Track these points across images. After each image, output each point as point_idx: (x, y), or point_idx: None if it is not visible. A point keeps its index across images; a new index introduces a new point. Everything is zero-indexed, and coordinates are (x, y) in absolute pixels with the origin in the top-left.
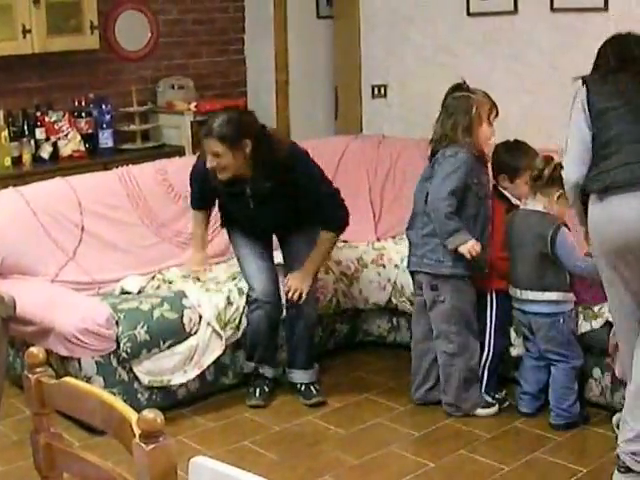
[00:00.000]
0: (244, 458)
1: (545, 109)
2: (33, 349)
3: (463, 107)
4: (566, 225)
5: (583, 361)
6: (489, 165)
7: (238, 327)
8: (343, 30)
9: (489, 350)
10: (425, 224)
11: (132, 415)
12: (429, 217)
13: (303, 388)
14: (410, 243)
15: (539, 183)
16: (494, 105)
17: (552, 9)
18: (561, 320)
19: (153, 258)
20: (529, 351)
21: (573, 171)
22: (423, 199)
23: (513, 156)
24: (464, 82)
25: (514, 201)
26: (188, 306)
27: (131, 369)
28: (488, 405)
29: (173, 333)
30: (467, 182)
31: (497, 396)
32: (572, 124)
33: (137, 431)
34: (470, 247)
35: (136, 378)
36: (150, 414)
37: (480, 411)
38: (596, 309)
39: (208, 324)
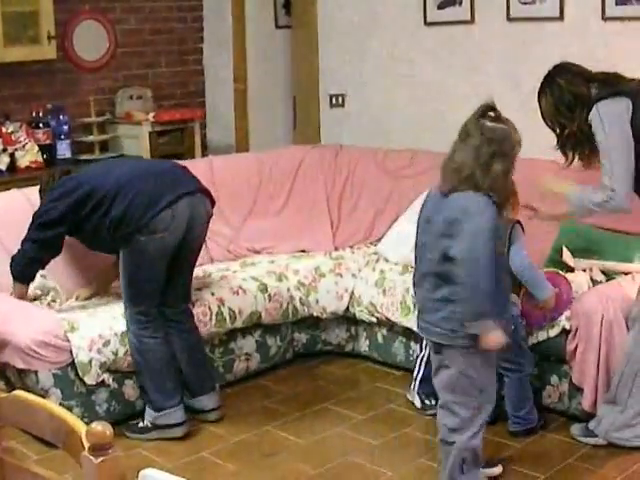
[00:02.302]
0: (203, 469)
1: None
2: None
3: (506, 144)
4: (520, 224)
5: (535, 368)
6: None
7: None
8: (301, 40)
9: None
10: (437, 286)
11: (81, 427)
12: (444, 279)
13: None
14: (417, 302)
15: None
16: None
17: (508, 19)
18: (512, 326)
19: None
20: None
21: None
22: (437, 258)
23: None
24: (495, 107)
25: None
26: None
27: None
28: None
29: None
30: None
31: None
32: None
33: (86, 444)
34: (496, 340)
35: (93, 391)
36: (99, 426)
37: None
38: None
39: None
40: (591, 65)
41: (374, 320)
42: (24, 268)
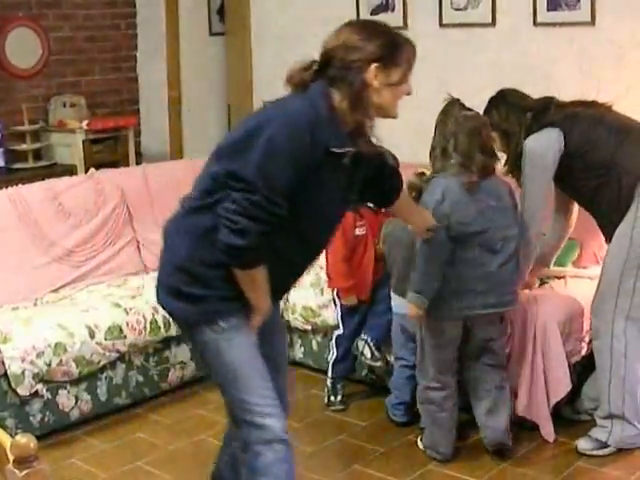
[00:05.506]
0: (138, 479)
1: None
2: None
3: None
4: None
5: None
6: None
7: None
8: (235, 47)
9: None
10: None
11: (6, 440)
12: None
13: None
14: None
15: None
16: None
17: (441, 25)
18: None
19: (44, 279)
20: (405, 360)
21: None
22: None
23: None
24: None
25: None
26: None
27: None
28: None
29: None
30: None
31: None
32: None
33: (10, 456)
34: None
35: (27, 402)
36: (23, 439)
37: None
38: None
39: None
40: (523, 71)
41: (308, 327)
42: None
